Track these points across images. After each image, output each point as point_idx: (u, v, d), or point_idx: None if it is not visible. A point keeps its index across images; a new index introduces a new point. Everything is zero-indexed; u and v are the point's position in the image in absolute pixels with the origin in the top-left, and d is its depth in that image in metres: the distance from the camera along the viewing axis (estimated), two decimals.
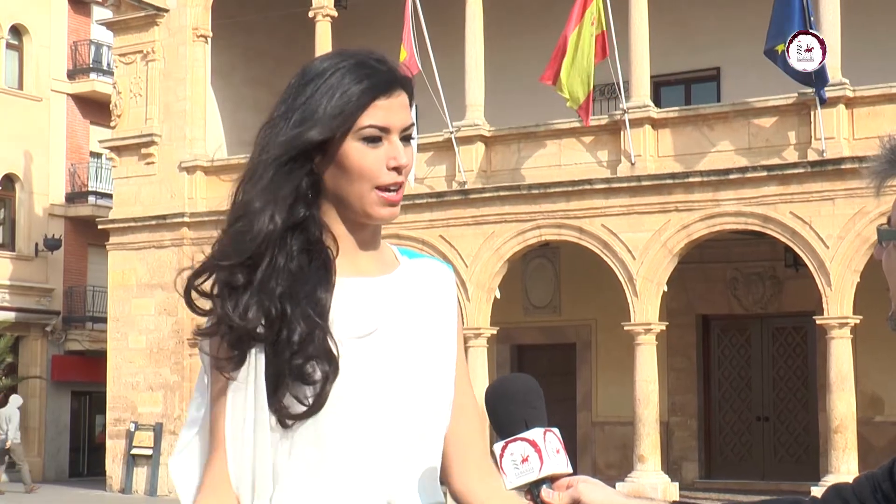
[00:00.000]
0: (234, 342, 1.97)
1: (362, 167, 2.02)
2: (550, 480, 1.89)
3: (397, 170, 2.04)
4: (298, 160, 2.02)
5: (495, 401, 1.93)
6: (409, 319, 2.08)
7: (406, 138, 2.06)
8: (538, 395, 1.92)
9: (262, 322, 1.97)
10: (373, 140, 2.02)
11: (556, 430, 1.91)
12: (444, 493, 2.13)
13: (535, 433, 1.88)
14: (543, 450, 1.88)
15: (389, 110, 2.03)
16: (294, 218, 2.02)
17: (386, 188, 2.04)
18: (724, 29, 22.24)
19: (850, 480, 2.08)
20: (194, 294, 2.03)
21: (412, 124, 2.09)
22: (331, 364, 1.96)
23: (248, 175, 2.04)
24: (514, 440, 1.88)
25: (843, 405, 17.82)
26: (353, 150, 2.02)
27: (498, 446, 1.89)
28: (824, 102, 17.78)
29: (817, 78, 17.31)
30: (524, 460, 1.88)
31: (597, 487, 1.89)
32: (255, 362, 1.97)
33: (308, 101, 2.02)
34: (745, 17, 21.64)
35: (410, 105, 2.10)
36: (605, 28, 18.83)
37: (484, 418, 2.11)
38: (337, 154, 2.03)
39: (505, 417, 1.91)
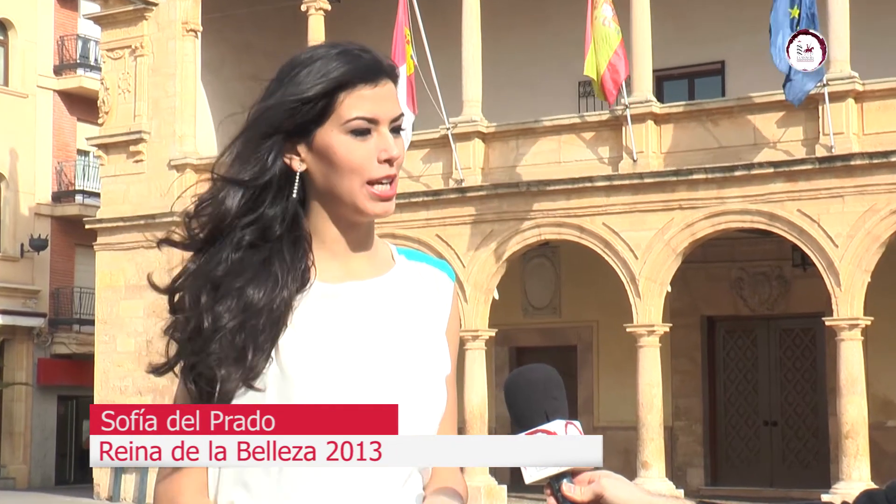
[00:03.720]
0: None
1: (352, 161, 1.97)
2: (572, 474, 1.87)
3: (389, 162, 1.99)
4: (273, 139, 2.00)
5: (515, 391, 1.86)
6: (398, 323, 2.01)
7: (396, 129, 2.01)
8: (559, 385, 1.86)
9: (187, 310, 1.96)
10: (361, 133, 1.98)
11: (578, 423, 1.87)
12: None
13: (556, 425, 1.84)
14: None
15: (376, 100, 1.99)
16: (259, 207, 1.99)
17: (377, 182, 1.99)
18: (728, 21, 22.08)
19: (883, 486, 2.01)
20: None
21: (402, 114, 2.03)
22: (237, 367, 1.90)
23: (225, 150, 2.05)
24: (535, 432, 1.84)
25: (853, 409, 17.65)
26: (341, 143, 1.98)
27: None
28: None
29: (806, 78, 17.05)
30: None
31: (620, 483, 1.86)
32: None
33: (291, 81, 2.00)
34: (749, 9, 21.48)
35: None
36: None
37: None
38: (324, 147, 1.98)
39: (525, 408, 1.87)
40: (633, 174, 19.26)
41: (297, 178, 2.01)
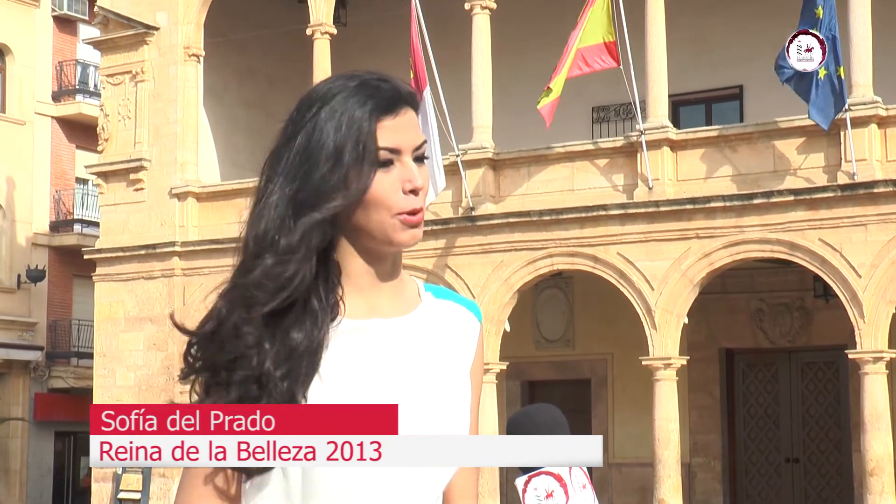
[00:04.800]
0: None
1: (377, 195, 2.00)
2: None
3: (414, 192, 2.02)
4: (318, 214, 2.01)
5: (518, 432, 1.84)
6: (423, 363, 2.05)
7: (419, 158, 2.04)
8: (564, 426, 1.86)
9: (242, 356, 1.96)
10: (384, 164, 2.00)
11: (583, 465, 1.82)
12: None
13: (560, 467, 1.81)
14: (569, 484, 1.84)
15: (397, 130, 2.01)
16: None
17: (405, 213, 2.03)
18: (746, 45, 22.15)
19: None
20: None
21: (424, 142, 2.06)
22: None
23: (261, 222, 2.00)
24: (538, 474, 1.84)
25: (878, 446, 17.60)
26: None
27: (520, 480, 1.82)
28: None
29: (825, 104, 17.11)
30: (549, 495, 1.85)
31: None
32: None
33: (313, 123, 2.00)
34: (768, 33, 21.56)
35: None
36: (615, 37, 18.70)
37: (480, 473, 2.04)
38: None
39: None
40: (649, 202, 19.30)
41: None
